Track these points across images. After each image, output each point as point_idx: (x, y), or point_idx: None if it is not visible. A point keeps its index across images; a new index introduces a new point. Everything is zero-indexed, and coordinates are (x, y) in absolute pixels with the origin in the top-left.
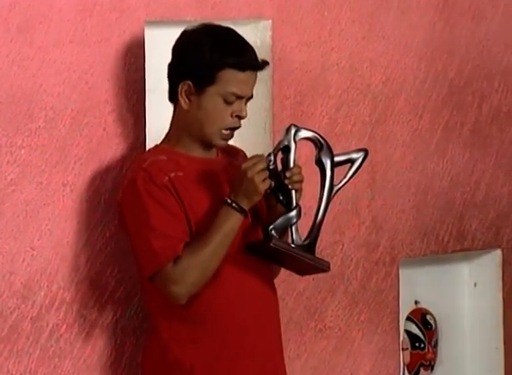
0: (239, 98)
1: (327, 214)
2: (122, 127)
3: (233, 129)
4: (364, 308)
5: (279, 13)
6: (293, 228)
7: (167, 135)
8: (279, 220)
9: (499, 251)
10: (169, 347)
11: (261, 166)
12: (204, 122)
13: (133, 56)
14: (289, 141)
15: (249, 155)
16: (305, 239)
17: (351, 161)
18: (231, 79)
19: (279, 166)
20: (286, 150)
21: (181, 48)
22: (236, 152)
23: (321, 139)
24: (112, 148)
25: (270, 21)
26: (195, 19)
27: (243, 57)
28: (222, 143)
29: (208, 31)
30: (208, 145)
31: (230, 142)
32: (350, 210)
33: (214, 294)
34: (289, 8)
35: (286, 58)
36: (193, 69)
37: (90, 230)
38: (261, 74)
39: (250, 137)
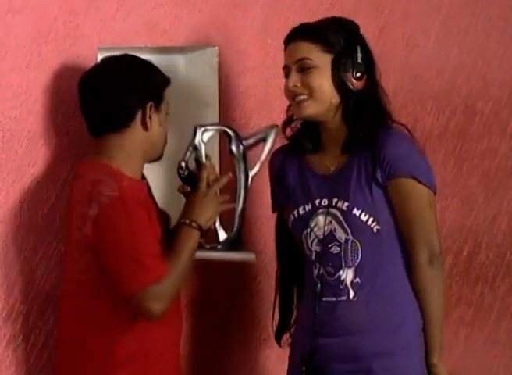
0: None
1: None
2: (75, 148)
3: None
4: None
5: (226, 41)
6: (217, 225)
7: (109, 161)
8: None
9: None
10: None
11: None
12: (164, 138)
13: None
14: (198, 142)
15: None
16: (230, 230)
17: (263, 140)
18: (167, 97)
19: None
20: (196, 150)
21: (134, 72)
22: None
23: (228, 130)
24: (67, 167)
25: (217, 48)
26: (145, 45)
27: (166, 77)
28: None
29: (139, 57)
30: (152, 162)
31: None
32: None
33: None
34: (235, 36)
35: (231, 83)
36: (153, 90)
37: (45, 245)
38: (207, 98)
39: None
